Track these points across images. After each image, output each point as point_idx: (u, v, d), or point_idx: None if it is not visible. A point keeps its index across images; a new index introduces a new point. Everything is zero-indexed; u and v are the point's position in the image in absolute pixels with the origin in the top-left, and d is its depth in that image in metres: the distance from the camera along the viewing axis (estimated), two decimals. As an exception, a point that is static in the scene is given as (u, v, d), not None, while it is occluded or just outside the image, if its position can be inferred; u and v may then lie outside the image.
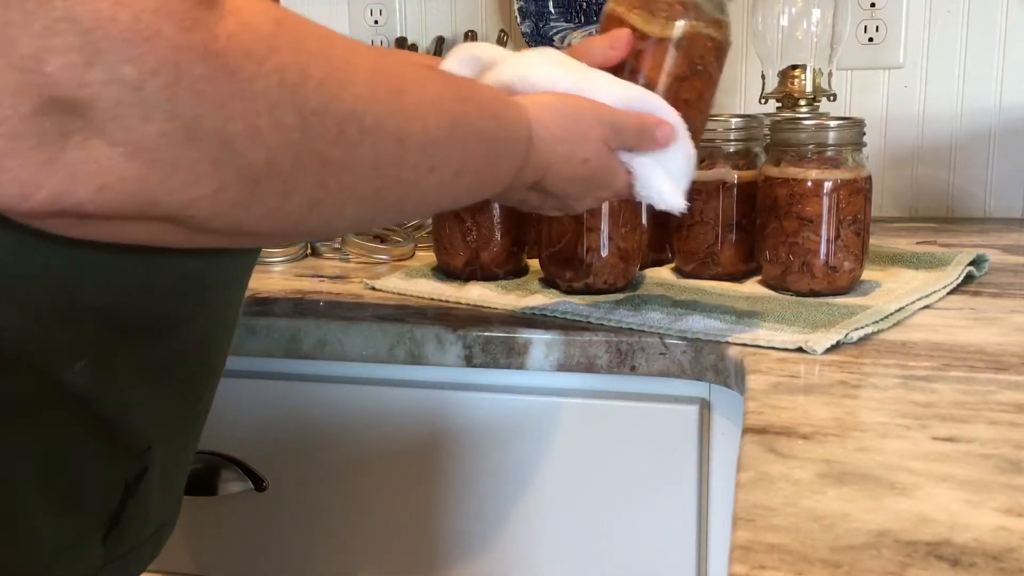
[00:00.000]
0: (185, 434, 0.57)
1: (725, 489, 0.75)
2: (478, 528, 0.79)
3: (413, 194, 0.47)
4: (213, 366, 0.57)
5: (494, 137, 0.53)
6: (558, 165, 0.59)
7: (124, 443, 0.49)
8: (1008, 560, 0.37)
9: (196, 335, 0.53)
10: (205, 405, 0.58)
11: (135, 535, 0.53)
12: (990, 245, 1.03)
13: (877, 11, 1.21)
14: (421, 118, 0.46)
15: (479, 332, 0.75)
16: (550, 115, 0.58)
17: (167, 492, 0.56)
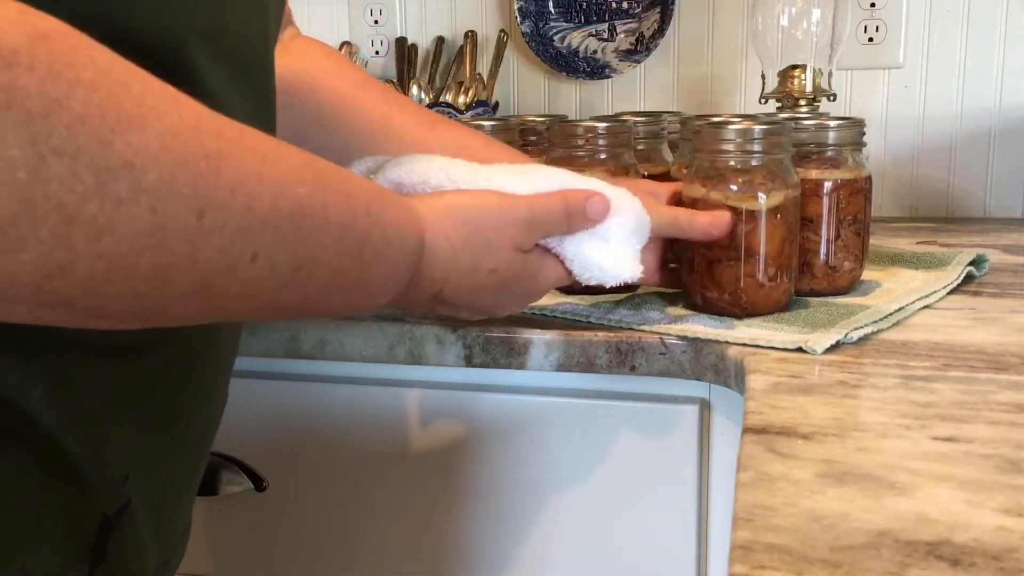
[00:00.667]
0: (174, 464, 0.51)
1: (725, 489, 0.75)
2: (478, 528, 0.79)
3: (227, 284, 0.38)
4: (204, 389, 0.52)
5: (363, 237, 0.44)
6: (458, 278, 0.53)
7: (96, 474, 0.45)
8: (1008, 560, 0.37)
9: (172, 358, 0.48)
10: (198, 432, 0.53)
11: (129, 570, 0.48)
12: (990, 245, 1.03)
13: (877, 11, 1.21)
14: (245, 193, 0.37)
15: (479, 332, 0.75)
16: (448, 222, 0.52)
17: (164, 526, 0.51)
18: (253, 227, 0.38)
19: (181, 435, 0.51)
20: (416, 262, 0.50)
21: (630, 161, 0.82)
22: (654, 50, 1.28)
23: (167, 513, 0.51)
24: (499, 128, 0.86)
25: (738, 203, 0.71)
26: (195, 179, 0.35)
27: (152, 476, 0.48)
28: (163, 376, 0.48)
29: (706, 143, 0.73)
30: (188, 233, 0.35)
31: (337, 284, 0.44)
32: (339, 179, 0.44)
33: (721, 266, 0.72)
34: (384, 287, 0.48)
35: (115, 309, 0.36)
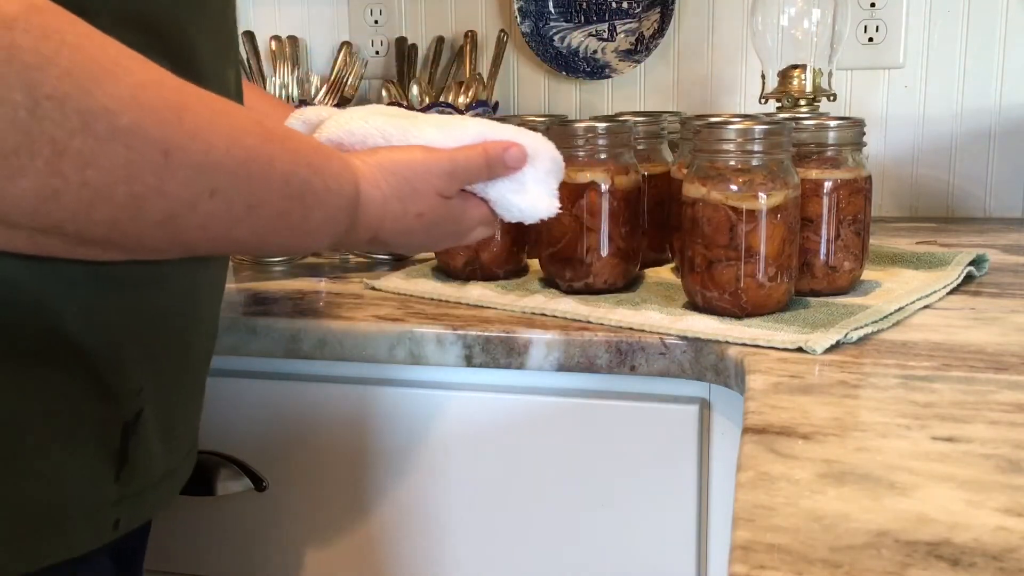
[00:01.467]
0: (179, 383, 0.59)
1: (725, 489, 0.75)
2: (478, 528, 0.79)
3: (190, 216, 0.46)
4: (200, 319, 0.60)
5: (305, 184, 0.52)
6: (391, 222, 0.61)
7: (116, 384, 0.52)
8: (1008, 560, 0.37)
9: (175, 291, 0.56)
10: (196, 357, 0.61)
11: (144, 476, 0.56)
12: (990, 245, 1.03)
13: (877, 11, 1.21)
14: (203, 139, 0.45)
15: (479, 332, 0.75)
16: (379, 174, 0.60)
17: (169, 440, 0.59)
18: (210, 167, 0.46)
19: (184, 356, 0.59)
20: (353, 209, 0.57)
21: (630, 161, 0.82)
22: (654, 50, 1.28)
23: (172, 424, 0.59)
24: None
25: (738, 203, 0.71)
26: (160, 124, 0.43)
27: (160, 389, 0.56)
28: (169, 305, 0.56)
29: (706, 143, 0.73)
30: (156, 168, 0.43)
31: (283, 224, 0.52)
32: (284, 136, 0.52)
33: (721, 266, 0.72)
34: (324, 229, 0.56)
35: (98, 233, 0.44)
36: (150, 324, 0.54)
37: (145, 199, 0.43)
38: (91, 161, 0.41)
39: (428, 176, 0.62)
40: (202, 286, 0.59)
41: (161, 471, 0.59)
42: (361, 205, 0.58)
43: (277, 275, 0.95)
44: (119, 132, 0.41)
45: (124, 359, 0.53)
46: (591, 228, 0.80)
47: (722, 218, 0.72)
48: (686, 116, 0.94)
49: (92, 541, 0.53)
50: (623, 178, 0.81)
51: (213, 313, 0.63)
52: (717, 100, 1.29)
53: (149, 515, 0.59)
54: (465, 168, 0.64)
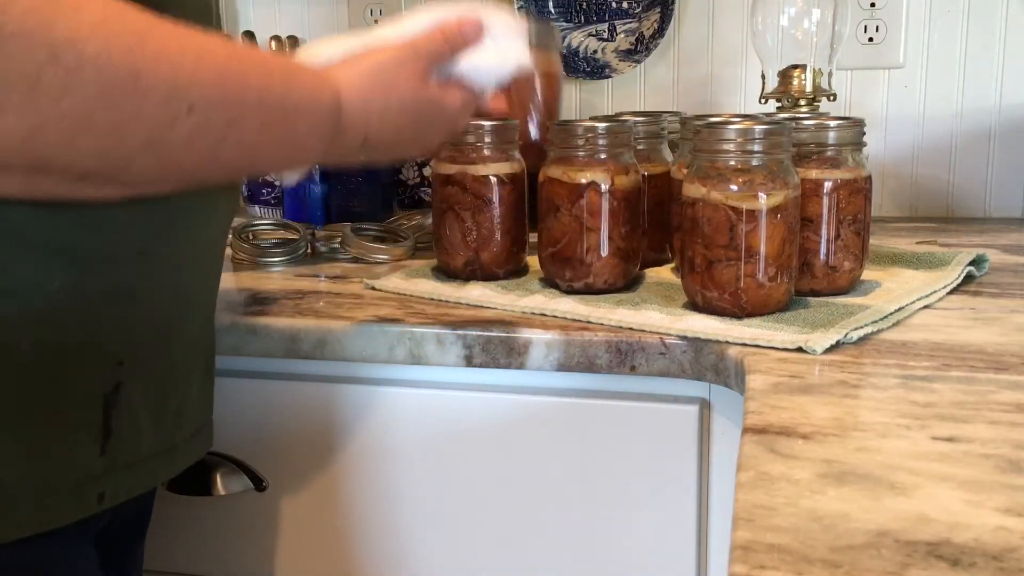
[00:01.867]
0: (166, 360, 0.60)
1: (725, 489, 0.75)
2: (478, 527, 0.79)
3: (172, 136, 0.47)
4: (191, 298, 0.62)
5: (282, 97, 0.53)
6: (376, 119, 0.62)
7: (93, 357, 0.54)
8: (1008, 560, 0.37)
9: (160, 267, 0.57)
10: (192, 338, 0.63)
11: (132, 450, 0.58)
12: (990, 245, 1.03)
13: (877, 11, 1.21)
14: (171, 60, 0.46)
15: (479, 332, 0.75)
16: (354, 75, 0.61)
17: (161, 417, 0.60)
18: (182, 85, 0.47)
19: (167, 334, 0.60)
20: (336, 115, 0.58)
21: (630, 161, 0.82)
22: (654, 50, 1.28)
23: (164, 401, 0.61)
24: (499, 128, 0.86)
25: (738, 203, 0.71)
26: (127, 50, 0.44)
27: (146, 365, 0.58)
28: (154, 281, 0.57)
29: (706, 143, 0.73)
30: (128, 92, 0.45)
31: (269, 138, 0.53)
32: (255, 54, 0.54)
33: (721, 266, 0.72)
34: (311, 139, 0.57)
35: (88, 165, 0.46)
36: (128, 299, 0.55)
37: (124, 124, 0.45)
38: (65, 91, 0.43)
39: (398, 67, 0.63)
40: (188, 265, 0.61)
41: (153, 447, 0.60)
42: (344, 110, 0.59)
43: (277, 275, 0.95)
44: (87, 60, 0.43)
45: (99, 332, 0.54)
46: (591, 228, 0.80)
47: (722, 218, 0.72)
48: (686, 116, 0.94)
49: (74, 513, 0.54)
50: (623, 178, 0.81)
51: (205, 297, 0.65)
52: (717, 100, 1.29)
53: (138, 490, 0.60)
54: (428, 50, 0.66)
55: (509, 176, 0.86)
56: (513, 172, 0.87)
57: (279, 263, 1.00)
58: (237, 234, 1.03)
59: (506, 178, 0.86)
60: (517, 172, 0.87)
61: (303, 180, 1.18)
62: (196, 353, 0.65)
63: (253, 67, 0.52)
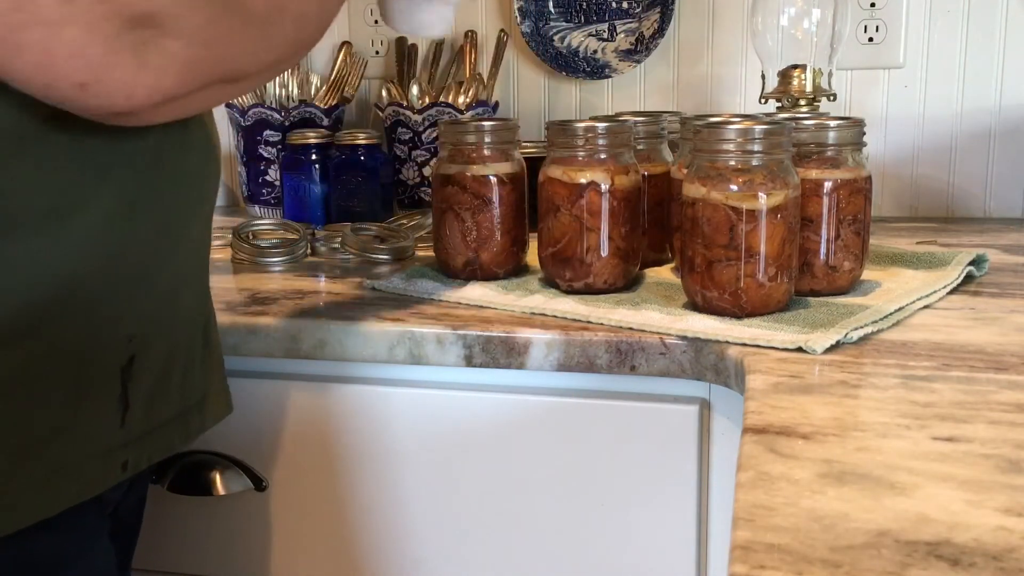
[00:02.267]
0: (166, 333, 0.62)
1: (725, 489, 0.75)
2: (478, 528, 0.79)
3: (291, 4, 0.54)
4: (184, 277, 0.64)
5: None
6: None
7: (109, 333, 0.56)
8: (1008, 560, 0.37)
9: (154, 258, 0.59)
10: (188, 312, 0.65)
11: (145, 420, 0.60)
12: (990, 245, 1.03)
13: (877, 11, 1.21)
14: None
15: (479, 332, 0.75)
16: None
17: (167, 385, 0.62)
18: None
19: (170, 308, 0.62)
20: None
21: (630, 161, 0.82)
22: (654, 50, 1.28)
23: (169, 373, 0.63)
24: (499, 128, 0.86)
25: (738, 203, 0.71)
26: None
27: (151, 338, 0.60)
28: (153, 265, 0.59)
29: (706, 143, 0.73)
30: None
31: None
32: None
33: (721, 266, 0.72)
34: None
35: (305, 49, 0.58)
36: (130, 282, 0.57)
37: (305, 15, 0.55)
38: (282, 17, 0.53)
39: None
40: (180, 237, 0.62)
41: (164, 415, 0.62)
42: None
43: (277, 275, 0.95)
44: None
45: (110, 314, 0.57)
46: (591, 228, 0.80)
47: (722, 218, 0.72)
48: (686, 116, 0.94)
49: (103, 482, 0.57)
50: (623, 178, 0.81)
51: (198, 270, 0.67)
52: (717, 100, 1.29)
53: (157, 456, 0.62)
54: None
55: (509, 176, 0.86)
56: (513, 172, 0.87)
57: (279, 263, 1.00)
58: (237, 234, 1.03)
59: (506, 178, 0.86)
60: (517, 172, 0.87)
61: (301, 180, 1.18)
62: (194, 325, 0.66)
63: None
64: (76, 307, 0.54)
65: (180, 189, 0.61)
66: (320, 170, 1.19)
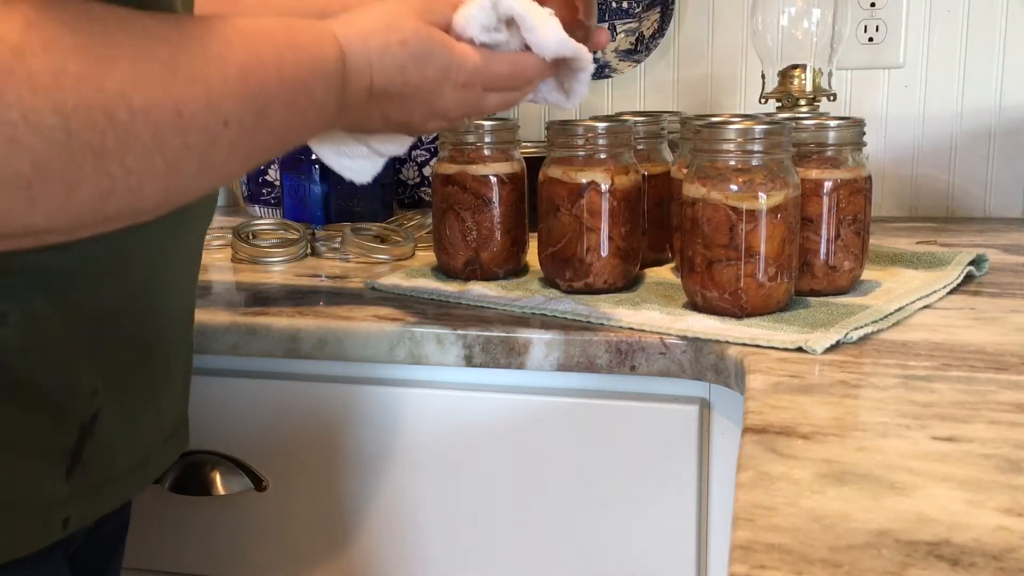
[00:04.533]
0: (143, 376, 0.59)
1: (725, 489, 0.75)
2: (478, 528, 0.79)
3: (217, 150, 0.47)
4: (165, 313, 0.60)
5: (296, 65, 0.52)
6: (379, 59, 0.58)
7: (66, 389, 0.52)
8: (1008, 560, 0.37)
9: (130, 287, 0.55)
10: (165, 349, 0.61)
11: (103, 471, 0.56)
12: (990, 245, 1.03)
13: (877, 11, 1.21)
14: (202, 79, 0.46)
15: (479, 332, 0.75)
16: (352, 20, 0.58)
17: (133, 433, 0.58)
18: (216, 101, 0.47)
19: (145, 351, 0.59)
20: (341, 64, 0.56)
21: (630, 161, 0.82)
22: (654, 50, 1.28)
23: (138, 417, 0.59)
24: (499, 128, 0.86)
25: (738, 203, 0.71)
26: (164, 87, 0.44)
27: (121, 387, 0.56)
28: (123, 302, 0.55)
29: (706, 143, 0.73)
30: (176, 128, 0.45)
31: (294, 113, 0.52)
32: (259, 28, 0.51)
33: (721, 266, 0.73)
34: (328, 100, 0.55)
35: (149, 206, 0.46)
36: (97, 326, 0.54)
37: (177, 160, 0.45)
38: (127, 148, 0.42)
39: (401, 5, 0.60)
40: (160, 279, 0.59)
41: (125, 464, 0.58)
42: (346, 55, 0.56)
43: (277, 275, 0.95)
44: (138, 111, 0.43)
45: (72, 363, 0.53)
46: (591, 228, 0.80)
47: (722, 218, 0.72)
48: (686, 116, 0.94)
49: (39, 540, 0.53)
50: (623, 178, 0.81)
51: (181, 299, 0.63)
52: (717, 100, 1.29)
53: (107, 508, 0.58)
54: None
55: (509, 176, 0.86)
56: (513, 172, 0.87)
57: (279, 263, 1.00)
58: (237, 234, 1.03)
59: (506, 178, 0.86)
60: (517, 172, 0.87)
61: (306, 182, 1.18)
62: (175, 359, 0.63)
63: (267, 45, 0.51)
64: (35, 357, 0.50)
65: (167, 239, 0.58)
66: (320, 170, 1.19)
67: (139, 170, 0.43)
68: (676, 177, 0.87)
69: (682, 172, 0.82)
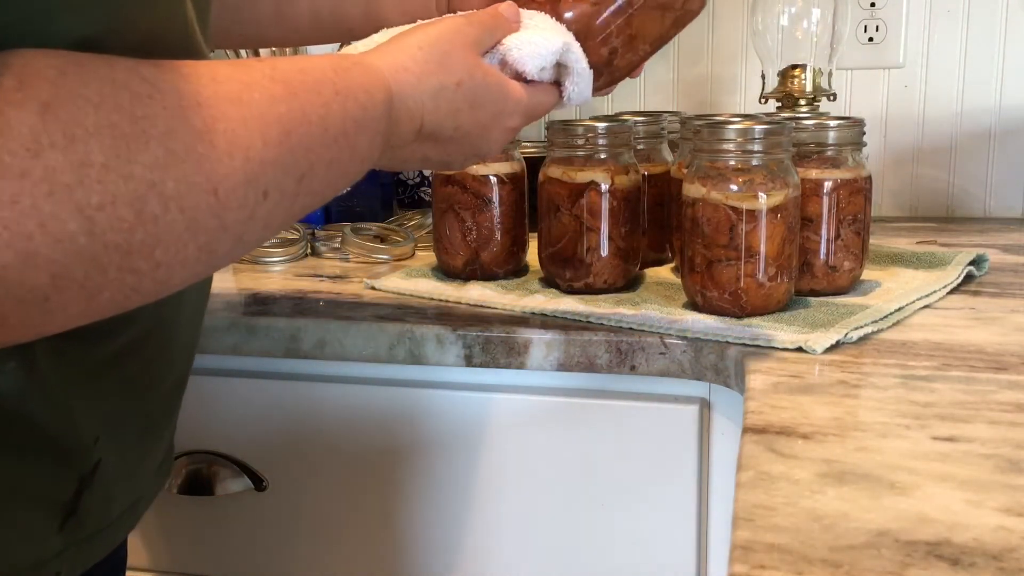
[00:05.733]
0: (143, 422, 0.56)
1: (725, 489, 0.75)
2: (478, 528, 0.79)
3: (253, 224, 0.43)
4: (170, 357, 0.56)
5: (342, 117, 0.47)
6: (433, 102, 0.54)
7: (66, 441, 0.48)
8: (1008, 560, 0.37)
9: (139, 335, 0.51)
10: (168, 390, 0.57)
11: (97, 520, 0.53)
12: (990, 245, 1.03)
13: (877, 11, 1.21)
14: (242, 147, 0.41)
15: (479, 332, 0.75)
16: (405, 55, 0.54)
17: (134, 474, 0.56)
18: (254, 173, 0.41)
19: (149, 396, 0.55)
20: (388, 107, 0.51)
21: (630, 161, 0.82)
22: (654, 50, 1.28)
23: (137, 463, 0.56)
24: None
25: (738, 203, 0.71)
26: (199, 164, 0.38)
27: (122, 434, 0.53)
28: (130, 351, 0.51)
29: (706, 143, 0.73)
30: (213, 210, 0.39)
31: (336, 169, 0.47)
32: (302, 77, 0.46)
33: (721, 266, 0.73)
34: (373, 148, 0.51)
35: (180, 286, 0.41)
36: (105, 373, 0.50)
37: (211, 243, 0.40)
38: (157, 242, 0.37)
39: (452, 36, 0.56)
40: (174, 319, 0.55)
41: (120, 509, 0.55)
42: (396, 97, 0.52)
43: (277, 275, 0.95)
44: (170, 199, 0.37)
45: (73, 409, 0.49)
46: (591, 228, 0.80)
47: (722, 218, 0.72)
48: (686, 116, 0.94)
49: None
50: (623, 178, 0.81)
51: (192, 334, 0.60)
52: (717, 100, 1.29)
53: (98, 557, 0.54)
54: (478, 20, 0.58)
55: (509, 176, 0.86)
56: (513, 172, 0.87)
57: (279, 263, 1.00)
58: (237, 234, 1.03)
59: (506, 178, 0.86)
60: (517, 172, 0.87)
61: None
62: (176, 393, 0.60)
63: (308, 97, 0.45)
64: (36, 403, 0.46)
65: None
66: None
67: (169, 262, 0.39)
68: (676, 177, 0.87)
69: (682, 172, 0.82)
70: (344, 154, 0.48)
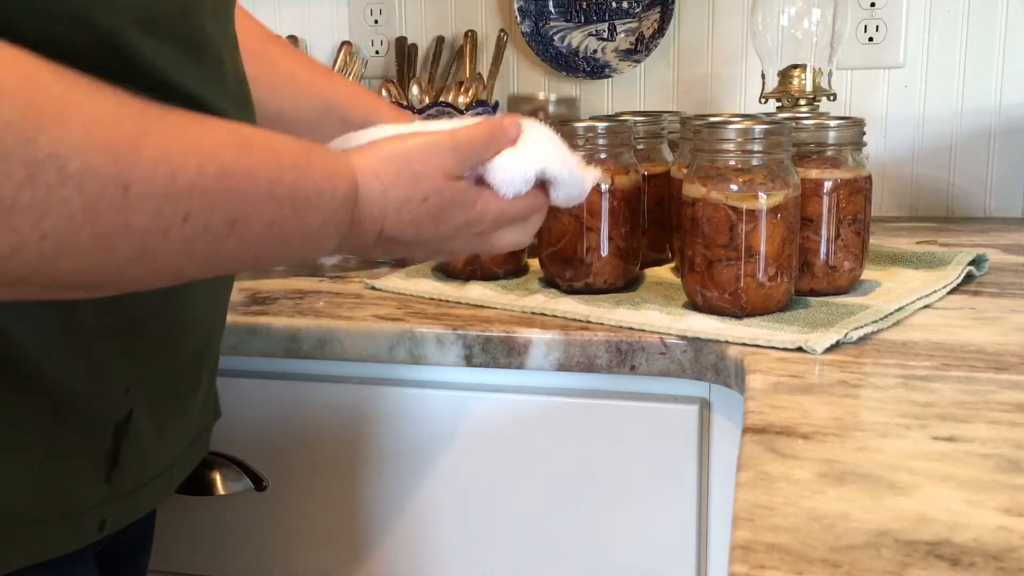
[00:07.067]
0: (171, 382, 0.59)
1: (725, 489, 0.75)
2: (478, 528, 0.79)
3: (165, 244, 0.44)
4: (196, 319, 0.59)
5: (293, 189, 0.49)
6: (395, 211, 0.57)
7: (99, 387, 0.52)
8: (1008, 560, 0.37)
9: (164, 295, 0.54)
10: (194, 353, 0.61)
11: (137, 475, 0.56)
12: (990, 245, 1.03)
13: (877, 11, 1.21)
14: (168, 164, 0.43)
15: (479, 332, 0.75)
16: (378, 163, 0.57)
17: (162, 438, 0.59)
18: (179, 193, 0.43)
19: (173, 357, 0.58)
20: (352, 205, 0.54)
21: (630, 161, 0.82)
22: (654, 50, 1.28)
23: (167, 422, 0.59)
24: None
25: (738, 203, 0.71)
26: (116, 159, 0.41)
27: (151, 388, 0.56)
28: (156, 310, 0.54)
29: (706, 143, 0.73)
30: (117, 205, 0.41)
31: (276, 233, 0.49)
32: (265, 141, 0.49)
33: (721, 266, 0.72)
34: (325, 233, 0.53)
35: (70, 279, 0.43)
36: (133, 330, 0.53)
37: (111, 238, 0.42)
38: (45, 212, 0.39)
39: (429, 157, 0.58)
40: (187, 288, 0.57)
41: (156, 469, 0.59)
42: (361, 199, 0.55)
43: (277, 275, 0.95)
44: (68, 176, 0.39)
45: (105, 363, 0.52)
46: (591, 228, 0.80)
47: (722, 218, 0.72)
48: (686, 116, 0.94)
49: (73, 542, 0.53)
50: (623, 178, 0.81)
51: (211, 311, 0.62)
52: (717, 100, 1.29)
53: (139, 514, 0.58)
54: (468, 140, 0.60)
55: (509, 176, 0.86)
56: (513, 172, 0.87)
57: (279, 263, 1.00)
58: (237, 234, 1.03)
59: (506, 178, 0.86)
60: (517, 172, 0.87)
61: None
62: (202, 367, 0.63)
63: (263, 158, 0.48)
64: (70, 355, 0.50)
65: None
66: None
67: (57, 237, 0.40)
68: (676, 177, 0.87)
69: (682, 172, 0.82)
70: (289, 223, 0.50)
